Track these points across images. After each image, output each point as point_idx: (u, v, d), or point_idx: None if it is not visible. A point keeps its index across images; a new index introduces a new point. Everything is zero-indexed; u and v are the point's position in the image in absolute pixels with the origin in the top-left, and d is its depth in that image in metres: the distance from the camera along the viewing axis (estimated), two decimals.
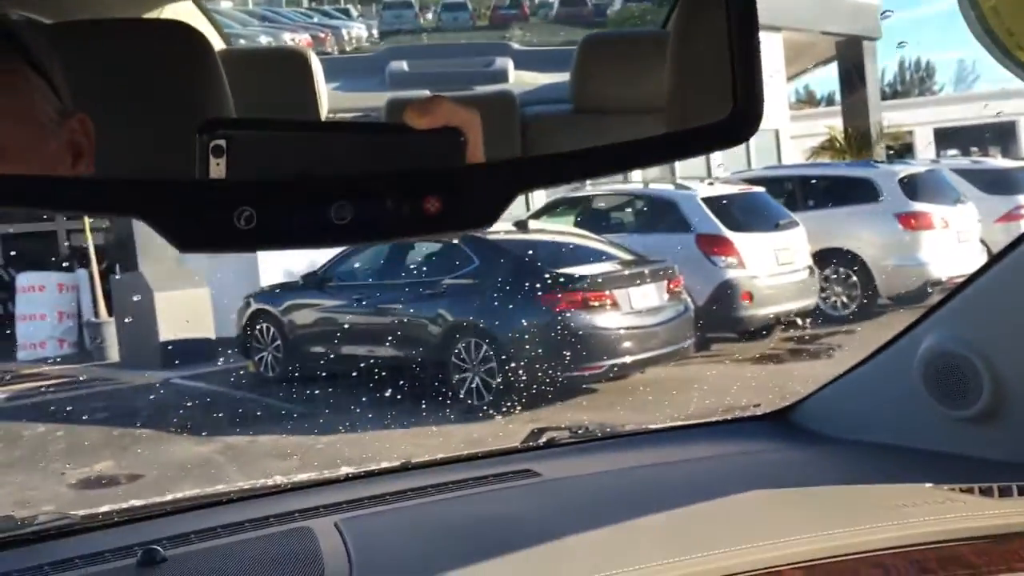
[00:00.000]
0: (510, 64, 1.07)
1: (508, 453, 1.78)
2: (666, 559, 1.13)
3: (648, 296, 8.07)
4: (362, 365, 8.59)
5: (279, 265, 12.58)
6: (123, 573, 1.18)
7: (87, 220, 13.38)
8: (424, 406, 7.72)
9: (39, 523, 1.45)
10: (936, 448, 1.50)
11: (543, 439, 1.77)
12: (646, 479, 1.53)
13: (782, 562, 1.15)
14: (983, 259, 9.15)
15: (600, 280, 7.90)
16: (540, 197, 15.07)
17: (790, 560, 1.16)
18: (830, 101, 33.37)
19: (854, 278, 11.03)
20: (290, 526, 1.30)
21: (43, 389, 10.81)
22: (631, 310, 7.88)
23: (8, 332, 14.19)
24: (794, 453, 1.60)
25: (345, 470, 1.64)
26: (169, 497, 1.55)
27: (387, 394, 7.93)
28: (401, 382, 8.12)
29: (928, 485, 1.36)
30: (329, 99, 0.95)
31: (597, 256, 8.59)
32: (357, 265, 9.51)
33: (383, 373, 8.28)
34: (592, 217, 10.90)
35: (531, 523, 1.27)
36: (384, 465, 1.69)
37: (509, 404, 7.63)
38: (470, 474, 1.58)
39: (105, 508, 1.45)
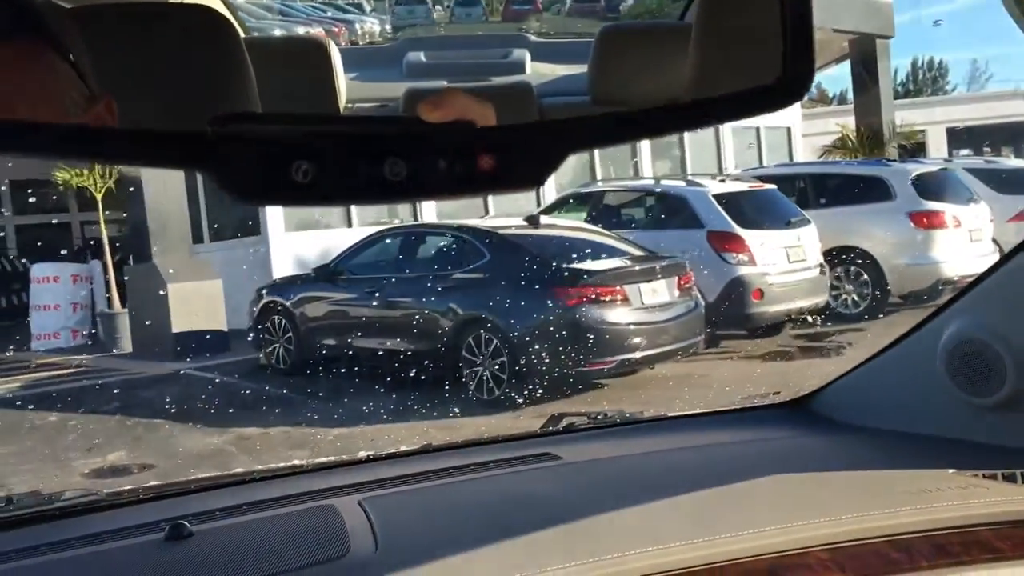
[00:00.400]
0: (527, 56, 1.08)
1: (528, 437, 1.78)
2: (688, 540, 1.13)
3: (659, 292, 8.07)
4: (373, 358, 8.63)
5: (291, 257, 12.62)
6: (150, 547, 1.19)
7: (101, 211, 13.45)
8: (434, 400, 7.74)
9: (65, 499, 1.46)
10: (959, 435, 1.49)
11: (562, 424, 1.78)
12: (666, 463, 1.52)
13: (805, 544, 1.15)
14: (995, 258, 9.11)
15: (610, 275, 7.90)
16: (551, 192, 15.09)
17: (813, 543, 1.15)
18: (842, 100, 33.21)
19: (865, 276, 11.01)
20: (314, 504, 1.31)
21: (57, 379, 10.88)
22: (641, 306, 7.88)
23: (22, 322, 14.28)
24: (814, 440, 1.59)
25: (366, 453, 1.66)
26: (193, 476, 1.57)
27: (397, 387, 7.96)
28: (411, 375, 8.14)
29: (951, 471, 1.36)
30: (347, 89, 0.97)
31: (608, 251, 8.59)
32: (368, 258, 9.54)
33: (393, 366, 8.31)
34: (603, 213, 10.89)
35: (552, 503, 1.28)
36: (404, 448, 1.70)
37: (519, 398, 7.65)
38: (491, 457, 1.58)
39: (130, 486, 1.47)
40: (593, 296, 7.69)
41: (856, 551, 1.15)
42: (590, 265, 8.06)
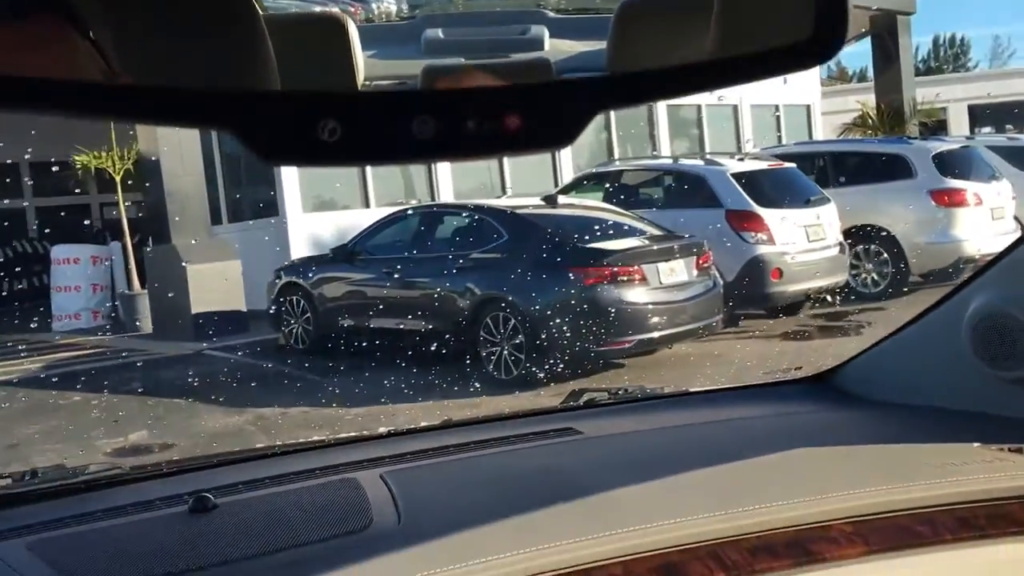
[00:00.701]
0: (546, 32, 1.07)
1: (548, 412, 1.78)
2: (710, 512, 1.13)
3: (677, 271, 8.04)
4: (391, 337, 8.66)
5: (309, 238, 12.66)
6: (174, 519, 1.20)
7: (120, 193, 13.53)
8: (452, 379, 7.77)
9: (90, 472, 1.48)
10: (983, 409, 1.47)
11: (583, 400, 1.78)
12: (687, 437, 1.52)
13: (828, 517, 1.14)
14: (1017, 236, 9.04)
15: (628, 255, 7.88)
16: (568, 172, 15.05)
17: (837, 515, 1.15)
18: (862, 77, 32.90)
19: (885, 255, 10.93)
20: (336, 477, 1.31)
21: (78, 359, 10.98)
22: (659, 285, 7.86)
23: (43, 303, 14.42)
24: (837, 414, 1.58)
25: (387, 428, 1.66)
26: (216, 451, 1.58)
27: (416, 367, 7.99)
28: (430, 355, 8.17)
29: (975, 445, 1.34)
30: (365, 67, 0.96)
31: (626, 231, 8.56)
32: (386, 238, 9.55)
33: (412, 346, 8.34)
34: (621, 192, 10.84)
35: (574, 477, 1.28)
36: (425, 424, 1.71)
37: (537, 378, 7.67)
38: (511, 432, 1.58)
39: (153, 460, 1.49)
40: (611, 276, 7.67)
41: (880, 524, 1.15)
42: (608, 245, 8.04)
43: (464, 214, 9.22)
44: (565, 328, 7.52)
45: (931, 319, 1.55)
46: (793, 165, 10.72)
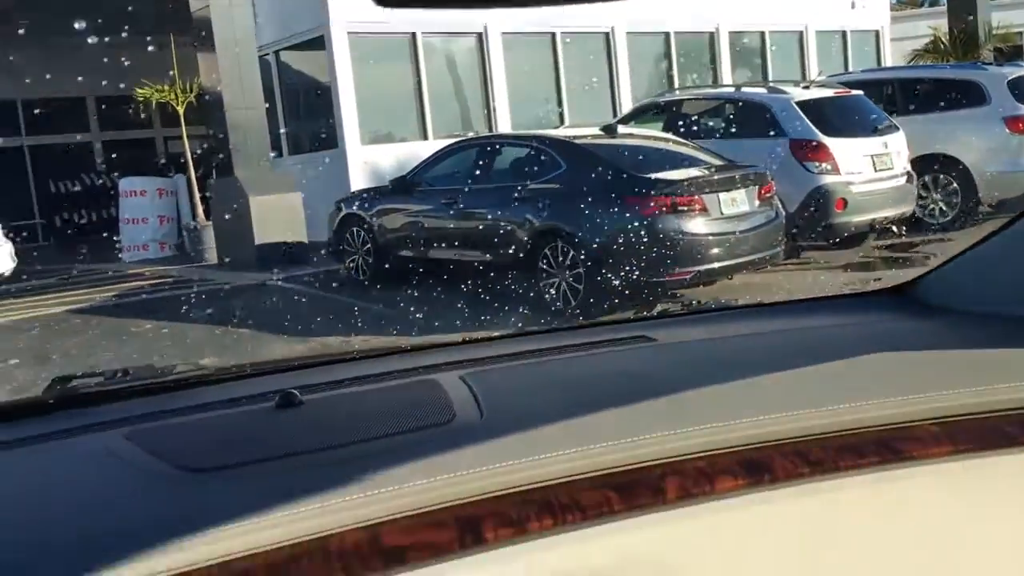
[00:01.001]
0: None
1: (622, 322, 1.77)
2: (794, 411, 1.12)
3: (738, 201, 7.92)
4: (450, 269, 8.71)
5: (367, 170, 12.73)
6: (260, 415, 1.23)
7: (184, 126, 13.71)
8: (511, 309, 7.82)
9: (177, 372, 1.55)
10: None
11: (656, 310, 1.78)
12: (765, 344, 1.49)
13: (914, 418, 1.13)
14: None
15: (689, 185, 7.77)
16: (627, 102, 14.83)
17: (922, 416, 1.13)
18: (934, 1, 31.59)
19: (955, 185, 10.64)
20: (417, 378, 1.33)
21: (148, 289, 11.29)
22: (720, 216, 7.76)
23: (112, 236, 14.78)
24: (920, 323, 1.53)
25: (463, 335, 1.69)
26: (297, 352, 1.63)
27: (474, 297, 8.05)
28: (488, 286, 8.22)
29: None
30: None
31: (686, 161, 8.44)
32: (444, 170, 9.56)
33: (470, 277, 8.39)
34: (681, 122, 10.65)
35: (653, 379, 1.28)
36: (499, 333, 1.73)
37: (595, 309, 7.68)
38: (586, 339, 1.58)
39: (234, 362, 1.54)
40: (671, 206, 7.59)
41: (968, 425, 1.13)
42: (668, 175, 7.94)
43: (522, 144, 9.16)
44: (624, 259, 7.48)
45: (1015, 229, 1.49)
46: (860, 93, 10.41)
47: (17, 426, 1.28)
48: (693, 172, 8.11)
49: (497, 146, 9.59)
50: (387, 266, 9.49)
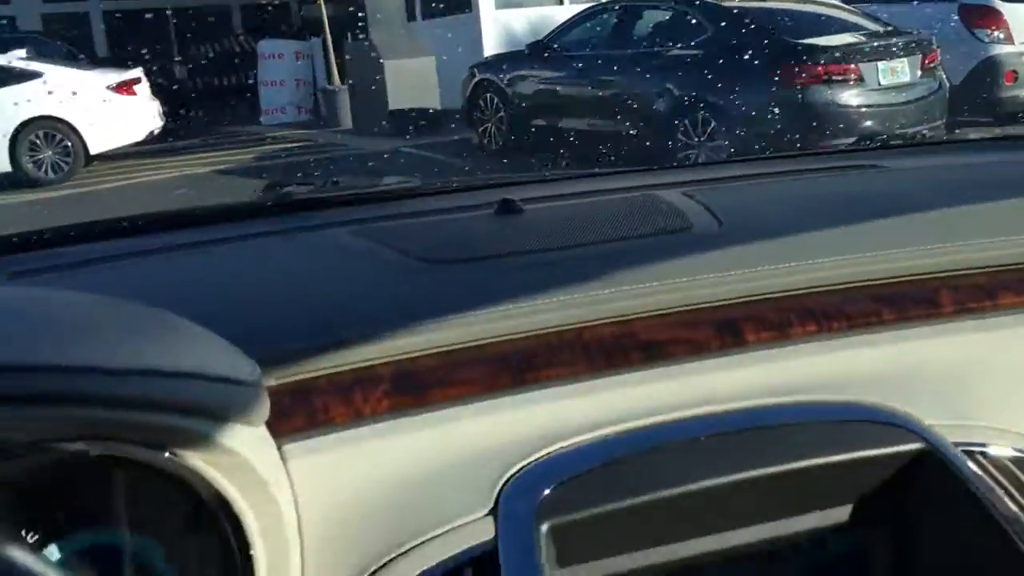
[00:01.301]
0: None
1: (848, 152, 1.71)
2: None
3: (898, 71, 7.37)
4: (585, 137, 8.50)
5: (501, 35, 12.45)
6: (481, 220, 1.21)
7: None
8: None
9: (389, 182, 1.58)
10: None
11: (878, 141, 1.71)
12: (1004, 172, 1.43)
13: None
14: None
15: (845, 52, 7.26)
16: None
17: None
18: None
19: None
20: (640, 193, 1.28)
21: (287, 151, 11.52)
22: (878, 86, 7.25)
23: (249, 98, 15.09)
24: None
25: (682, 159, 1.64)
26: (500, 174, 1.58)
27: (609, 168, 7.85)
28: (624, 156, 7.99)
29: None
30: None
31: (842, 26, 7.87)
32: (582, 35, 9.22)
33: (606, 146, 8.17)
34: None
35: (886, 199, 1.24)
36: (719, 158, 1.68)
37: None
38: (812, 165, 1.54)
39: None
40: (824, 75, 7.13)
41: None
42: (822, 41, 7.42)
43: (664, 7, 8.71)
44: (772, 131, 7.10)
45: None
46: None
47: (238, 226, 1.28)
48: (850, 38, 7.58)
49: (638, 9, 9.14)
50: (520, 134, 9.34)
